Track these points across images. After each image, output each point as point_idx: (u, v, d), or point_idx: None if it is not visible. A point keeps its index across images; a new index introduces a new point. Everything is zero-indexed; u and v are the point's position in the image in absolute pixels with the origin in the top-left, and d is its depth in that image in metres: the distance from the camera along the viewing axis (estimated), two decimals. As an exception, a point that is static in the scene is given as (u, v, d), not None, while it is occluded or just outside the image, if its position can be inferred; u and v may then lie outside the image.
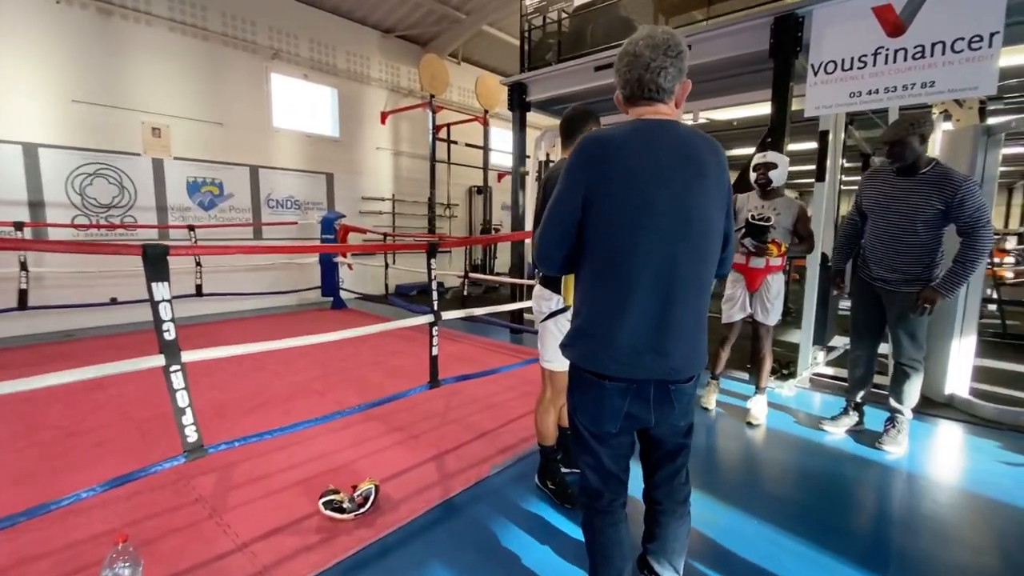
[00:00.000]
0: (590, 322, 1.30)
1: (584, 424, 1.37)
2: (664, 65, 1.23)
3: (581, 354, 1.32)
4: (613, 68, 1.35)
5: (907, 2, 3.24)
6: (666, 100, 1.29)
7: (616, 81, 1.33)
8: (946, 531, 2.14)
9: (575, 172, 1.26)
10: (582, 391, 1.36)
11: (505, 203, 11.18)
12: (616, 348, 1.26)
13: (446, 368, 3.25)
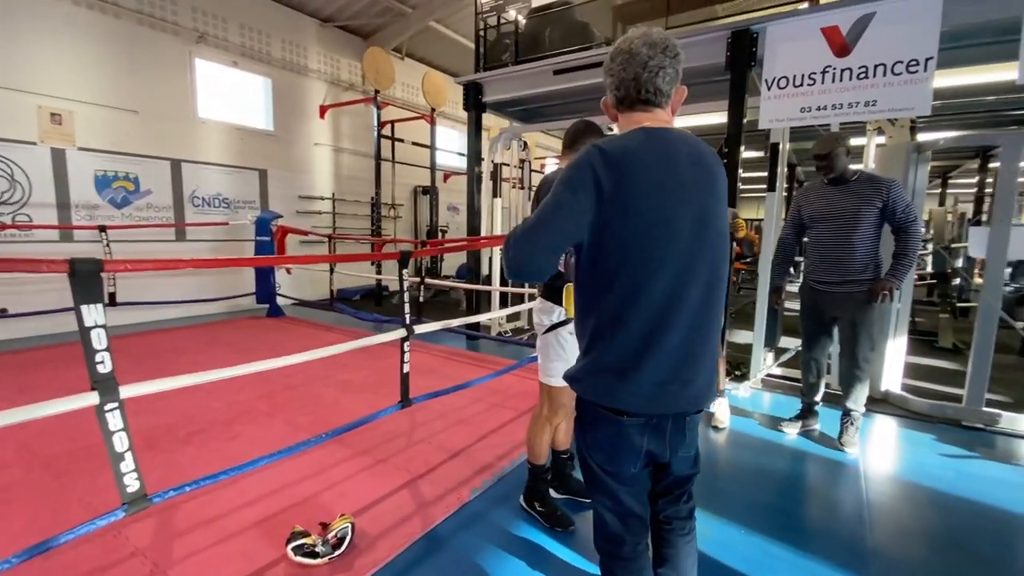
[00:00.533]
0: (610, 355, 1.15)
1: (599, 463, 1.24)
2: (663, 64, 1.14)
3: (595, 390, 1.20)
4: (603, 68, 1.23)
5: (853, 24, 3.44)
6: (664, 105, 1.20)
7: (607, 82, 1.21)
8: (908, 525, 2.26)
9: (583, 180, 1.10)
10: (595, 428, 1.23)
11: (451, 204, 10.96)
12: (639, 383, 1.14)
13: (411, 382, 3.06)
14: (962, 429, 3.33)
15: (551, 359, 2.09)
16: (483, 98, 5.32)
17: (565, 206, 1.12)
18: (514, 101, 5.48)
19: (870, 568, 1.97)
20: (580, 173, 1.11)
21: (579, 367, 1.23)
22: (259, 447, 2.87)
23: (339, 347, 2.32)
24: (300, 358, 2.13)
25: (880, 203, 2.76)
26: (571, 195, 1.11)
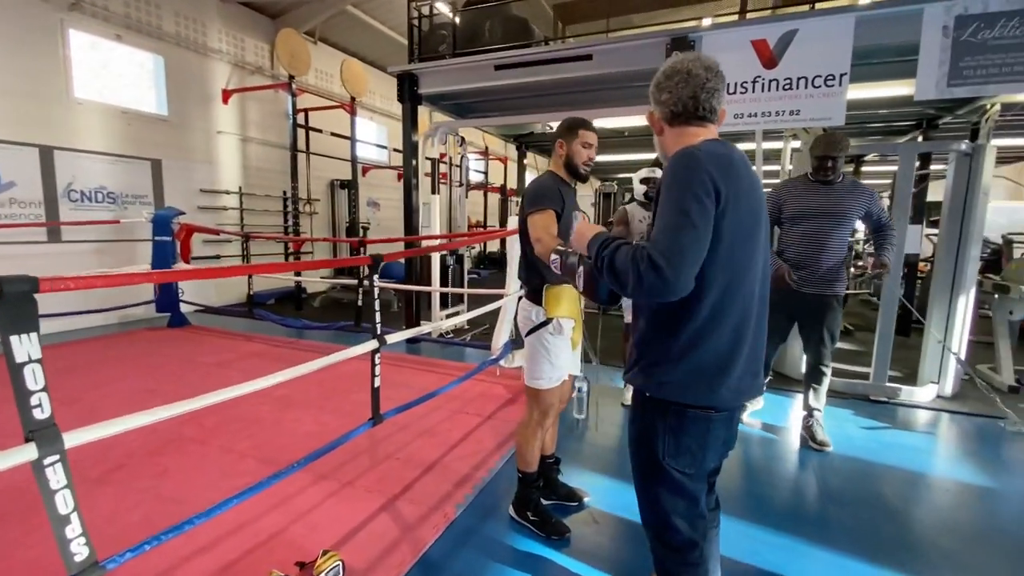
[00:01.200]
0: (708, 354, 1.20)
1: (684, 467, 1.26)
2: (718, 87, 1.23)
3: (693, 391, 1.22)
4: (654, 85, 1.29)
5: (779, 39, 3.75)
6: (715, 122, 1.28)
7: (660, 98, 1.27)
8: (858, 493, 2.52)
9: (705, 186, 1.10)
10: (684, 431, 1.25)
11: (372, 199, 10.45)
12: (734, 376, 1.23)
13: (356, 392, 2.83)
14: (870, 403, 3.80)
15: (537, 362, 2.05)
16: (418, 90, 5.09)
17: (702, 216, 1.10)
18: (451, 95, 5.31)
19: (833, 534, 2.17)
20: (699, 178, 1.12)
21: (669, 370, 1.23)
22: (196, 481, 2.51)
23: (310, 365, 2.08)
24: (274, 379, 1.86)
25: (864, 209, 2.87)
26: (701, 203, 1.11)
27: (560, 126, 2.04)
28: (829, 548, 2.11)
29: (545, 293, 2.00)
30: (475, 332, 5.86)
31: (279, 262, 7.05)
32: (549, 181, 1.98)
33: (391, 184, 11.13)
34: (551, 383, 2.06)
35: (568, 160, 2.01)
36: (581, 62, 4.34)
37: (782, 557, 2.04)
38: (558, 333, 2.03)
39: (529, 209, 1.88)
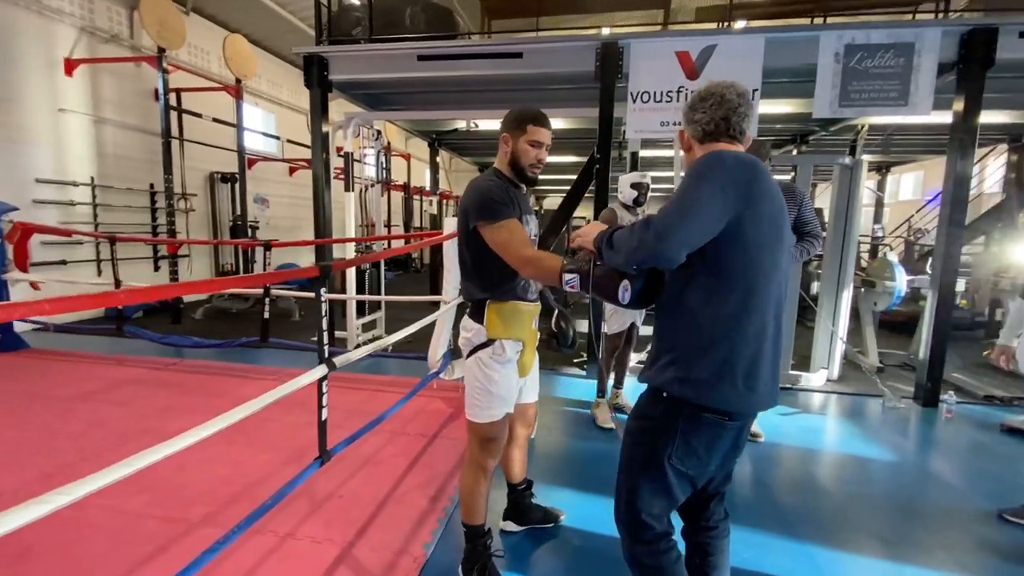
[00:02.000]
0: (733, 355, 1.22)
1: (685, 469, 1.30)
2: (748, 113, 1.33)
3: (714, 394, 1.23)
4: (689, 106, 1.37)
5: (700, 52, 3.95)
6: (743, 143, 1.36)
7: (694, 118, 1.34)
8: (791, 480, 2.72)
9: (725, 178, 1.18)
10: (695, 434, 1.27)
11: (260, 195, 9.38)
12: (759, 380, 1.25)
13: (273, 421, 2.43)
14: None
15: (474, 390, 1.76)
16: (329, 75, 4.59)
17: (710, 202, 1.16)
18: (366, 83, 4.87)
19: (796, 520, 2.30)
20: (718, 174, 1.19)
21: (694, 363, 1.24)
22: (76, 562, 1.95)
23: (271, 395, 1.69)
24: (226, 420, 1.47)
25: (795, 211, 2.89)
26: (716, 192, 1.17)
27: (507, 117, 1.76)
28: (792, 536, 2.22)
29: (487, 310, 1.73)
30: (398, 341, 5.48)
31: (238, 276, 5.96)
32: (496, 183, 1.70)
33: (282, 179, 10.11)
34: (490, 416, 1.75)
35: (513, 159, 1.73)
36: (511, 59, 4.21)
37: (756, 554, 2.10)
38: (500, 358, 1.74)
39: (482, 220, 1.61)
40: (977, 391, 4.13)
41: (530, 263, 1.57)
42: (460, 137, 7.03)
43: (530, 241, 1.66)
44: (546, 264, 1.52)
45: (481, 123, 5.02)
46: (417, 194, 14.55)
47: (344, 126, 4.89)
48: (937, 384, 3.86)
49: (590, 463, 2.95)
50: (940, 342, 3.83)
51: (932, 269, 4.08)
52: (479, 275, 1.74)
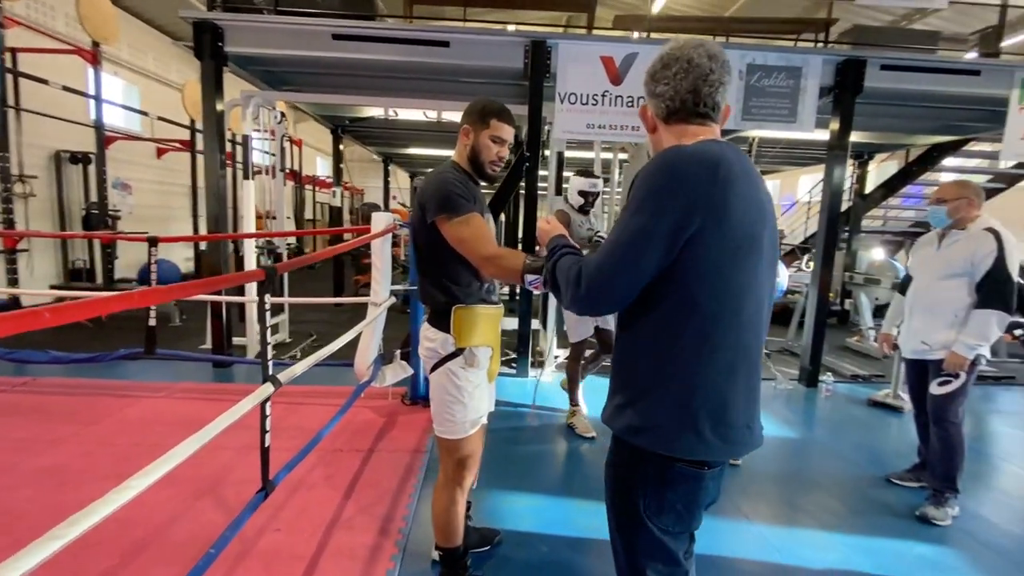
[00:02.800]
0: (697, 394, 1.01)
1: (667, 527, 1.08)
2: (723, 80, 1.06)
3: (680, 442, 1.02)
4: (649, 74, 1.10)
5: (623, 59, 4.10)
6: (718, 121, 1.11)
7: (656, 90, 1.08)
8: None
9: (675, 188, 0.96)
10: (669, 487, 1.06)
11: (120, 179, 8.03)
12: (732, 427, 1.04)
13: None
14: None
15: (446, 405, 1.63)
16: (225, 46, 4.01)
17: (655, 233, 0.96)
18: (269, 59, 4.35)
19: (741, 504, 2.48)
20: (670, 188, 0.96)
21: (653, 405, 1.03)
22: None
23: (205, 433, 1.39)
24: (177, 458, 1.17)
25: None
26: (662, 218, 0.96)
27: (470, 109, 1.65)
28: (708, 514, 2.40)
29: (454, 316, 1.60)
30: (303, 346, 5.02)
31: (179, 284, 4.79)
32: (454, 175, 1.58)
33: (148, 162, 8.76)
34: (466, 429, 1.64)
35: (473, 153, 1.63)
36: (437, 48, 4.02)
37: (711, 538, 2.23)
38: (472, 366, 1.62)
39: (442, 214, 1.49)
40: (845, 371, 4.83)
41: (492, 261, 1.46)
42: (371, 126, 6.60)
43: (493, 238, 1.56)
44: (508, 262, 1.42)
45: (402, 112, 4.74)
46: (309, 183, 13.50)
47: (243, 106, 4.32)
48: (817, 367, 4.44)
49: (537, 464, 2.93)
50: (820, 331, 4.41)
51: (812, 268, 4.68)
52: (441, 276, 1.61)
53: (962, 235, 2.45)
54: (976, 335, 2.36)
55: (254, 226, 4.58)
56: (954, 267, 2.43)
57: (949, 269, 2.45)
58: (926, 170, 6.67)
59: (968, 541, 2.33)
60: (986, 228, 2.39)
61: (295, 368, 1.91)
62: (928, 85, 4.29)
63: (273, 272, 1.67)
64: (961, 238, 2.45)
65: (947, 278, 2.46)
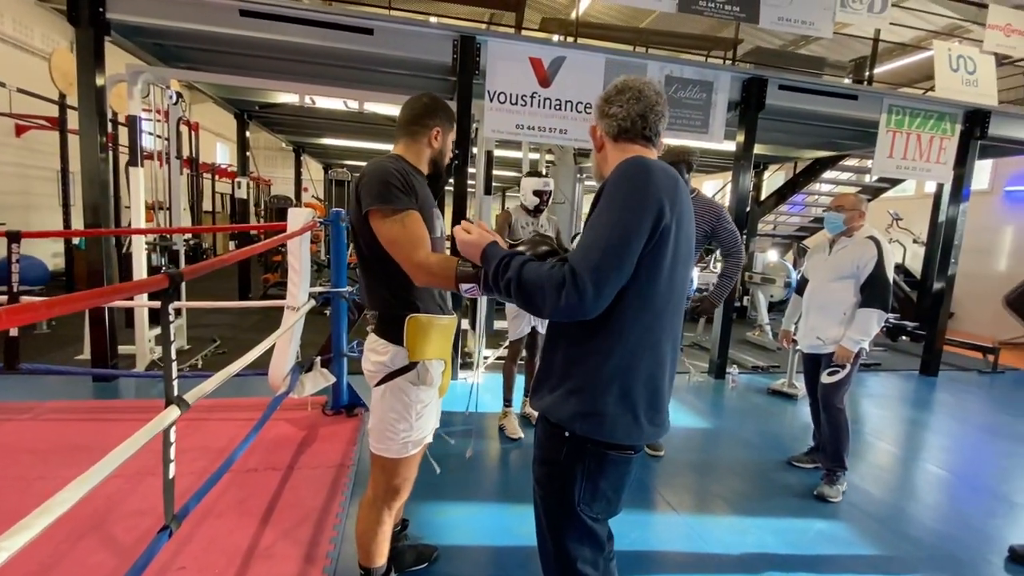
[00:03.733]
0: (639, 385, 1.12)
1: (596, 514, 1.18)
2: (664, 113, 1.22)
3: (619, 424, 1.11)
4: (604, 99, 1.23)
5: (551, 62, 4.14)
6: (658, 146, 1.25)
7: (609, 112, 1.20)
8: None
9: (647, 199, 1.04)
10: (602, 474, 1.15)
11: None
12: (660, 412, 1.18)
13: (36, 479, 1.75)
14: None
15: (390, 423, 1.50)
16: (106, 12, 3.48)
17: (637, 236, 1.03)
18: (162, 31, 3.84)
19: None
20: (646, 193, 1.05)
21: (596, 397, 1.11)
22: None
23: (103, 467, 1.16)
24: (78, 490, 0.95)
25: (708, 227, 2.84)
26: (641, 221, 1.03)
27: (432, 108, 1.55)
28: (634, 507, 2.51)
29: (408, 326, 1.48)
30: (206, 353, 4.54)
31: (76, 294, 3.78)
32: (397, 166, 1.44)
33: (5, 140, 7.46)
34: (408, 450, 1.52)
35: (441, 155, 1.58)
36: (360, 35, 3.80)
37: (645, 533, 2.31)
38: (424, 382, 1.50)
39: (374, 204, 1.37)
40: (747, 363, 5.28)
41: (422, 268, 1.35)
42: (283, 113, 6.09)
43: (427, 241, 1.41)
44: (440, 270, 1.33)
45: (320, 101, 4.41)
46: (207, 171, 12.27)
47: (130, 83, 3.80)
48: (725, 360, 4.80)
49: (471, 472, 2.87)
50: (727, 328, 4.77)
51: (719, 268, 5.04)
52: (393, 279, 1.45)
53: (849, 242, 2.74)
54: (860, 331, 2.65)
55: (143, 219, 4.04)
56: (842, 271, 2.72)
57: (838, 272, 2.74)
58: (810, 181, 7.48)
59: (856, 513, 2.62)
60: (868, 236, 2.69)
61: (204, 386, 1.68)
62: (815, 105, 4.79)
63: (179, 278, 1.45)
64: (848, 245, 2.74)
65: (837, 280, 2.74)
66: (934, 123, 5.06)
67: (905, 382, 5.23)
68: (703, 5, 4.30)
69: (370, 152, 9.71)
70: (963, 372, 5.72)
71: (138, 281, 3.42)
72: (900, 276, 7.74)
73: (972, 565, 2.26)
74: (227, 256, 1.85)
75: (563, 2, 9.17)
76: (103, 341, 3.78)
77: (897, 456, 3.45)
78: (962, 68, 5.06)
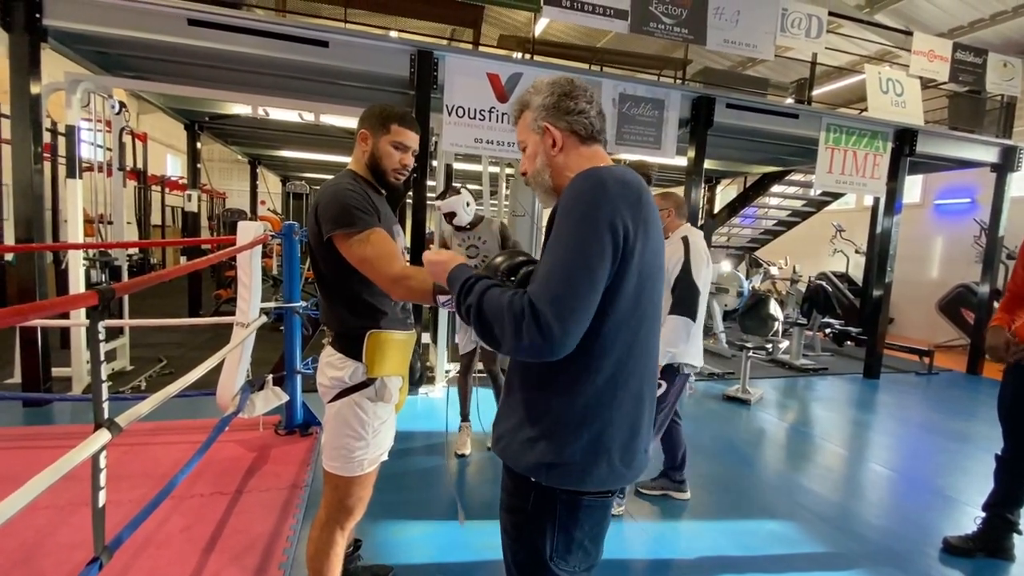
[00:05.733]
0: (612, 427, 0.98)
1: (574, 568, 1.04)
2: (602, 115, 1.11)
3: (591, 471, 0.98)
4: (559, 97, 1.04)
5: (508, 77, 4.21)
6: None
7: (576, 108, 1.04)
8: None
9: (610, 218, 0.91)
10: (576, 524, 1.01)
11: None
12: (636, 453, 1.03)
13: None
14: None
15: (345, 439, 1.46)
16: (43, 18, 3.33)
17: (601, 259, 0.90)
18: (105, 39, 3.70)
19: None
20: (607, 209, 0.91)
21: (564, 445, 0.97)
22: None
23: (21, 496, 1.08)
24: None
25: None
26: (603, 243, 0.90)
27: (368, 113, 1.52)
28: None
29: (368, 342, 1.45)
30: (150, 374, 4.32)
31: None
32: (352, 185, 1.42)
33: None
34: (364, 467, 1.49)
35: (373, 161, 1.50)
36: (315, 47, 3.76)
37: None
38: (382, 398, 1.49)
39: (337, 229, 1.35)
40: (704, 370, 5.42)
41: (399, 283, 1.32)
42: (237, 124, 5.93)
43: (399, 255, 1.43)
44: (418, 283, 1.29)
45: (274, 112, 4.32)
46: (156, 184, 11.77)
47: (68, 91, 3.62)
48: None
49: (426, 488, 2.82)
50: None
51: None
52: (351, 296, 1.45)
53: (666, 243, 2.42)
54: (667, 340, 2.21)
55: (81, 233, 3.84)
56: (666, 275, 2.41)
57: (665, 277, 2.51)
58: (759, 194, 7.84)
59: (804, 514, 2.72)
60: (681, 236, 2.38)
61: (140, 407, 1.60)
62: (760, 123, 5.05)
63: (110, 294, 1.38)
64: (666, 246, 2.57)
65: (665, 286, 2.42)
66: (868, 140, 5.41)
67: (850, 385, 5.50)
68: (654, 26, 4.49)
69: (328, 164, 9.56)
70: (902, 374, 6.06)
71: (64, 297, 3.23)
72: (844, 284, 8.17)
73: (910, 558, 2.37)
74: (167, 271, 1.78)
75: (522, 20, 9.39)
76: (35, 363, 3.55)
77: (843, 456, 3.60)
78: (891, 90, 5.45)
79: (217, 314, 6.52)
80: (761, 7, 4.72)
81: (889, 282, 5.75)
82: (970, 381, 6.03)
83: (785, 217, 8.35)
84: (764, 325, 5.22)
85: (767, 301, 5.30)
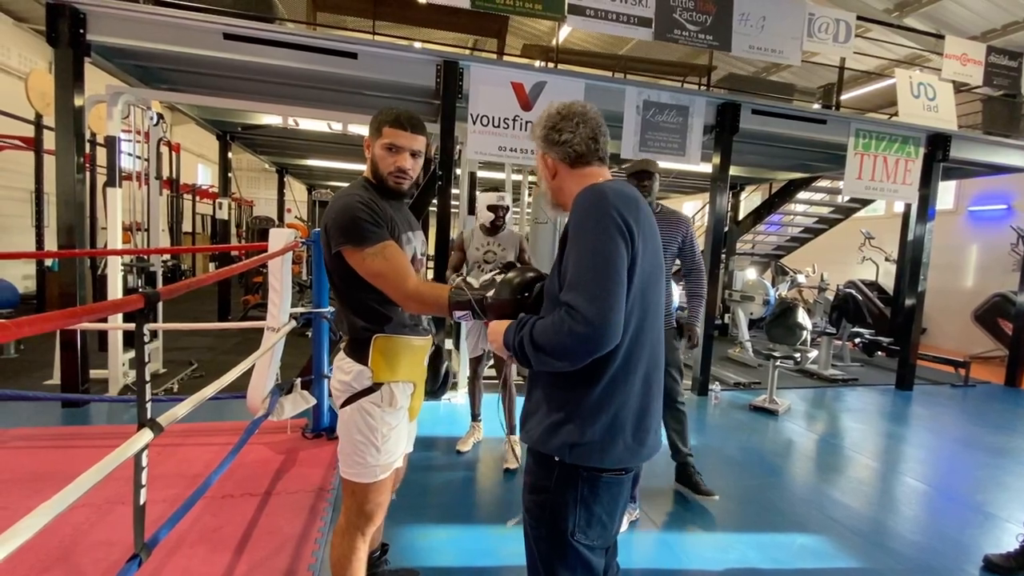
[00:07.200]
0: (625, 409, 1.12)
1: (592, 541, 1.15)
2: (607, 133, 1.24)
3: (609, 450, 1.11)
4: (549, 128, 1.19)
5: (533, 86, 4.25)
6: (608, 167, 1.26)
7: (560, 139, 1.18)
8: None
9: (618, 224, 1.05)
10: (596, 500, 1.13)
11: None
12: (648, 432, 1.17)
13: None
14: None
15: (356, 446, 1.47)
16: (87, 34, 3.49)
17: (619, 257, 1.04)
18: (144, 54, 3.86)
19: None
20: (611, 216, 1.05)
21: (583, 427, 1.10)
22: None
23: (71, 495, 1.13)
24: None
25: (680, 239, 2.64)
26: (616, 243, 1.04)
27: (371, 122, 1.53)
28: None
29: (373, 346, 1.46)
30: (182, 376, 4.43)
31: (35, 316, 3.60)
32: (363, 196, 1.42)
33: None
34: (376, 475, 1.48)
35: (373, 167, 1.50)
36: (344, 59, 3.86)
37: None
38: (389, 405, 1.48)
39: (346, 244, 1.36)
40: (729, 380, 5.34)
41: (412, 299, 1.37)
42: (266, 134, 6.10)
43: (410, 269, 1.43)
44: (432, 297, 1.36)
45: (303, 122, 4.43)
46: (188, 192, 12.14)
47: (109, 103, 3.78)
48: (707, 377, 4.85)
49: (453, 493, 2.83)
50: (709, 345, 4.83)
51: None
52: (360, 302, 1.46)
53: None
54: None
55: (120, 240, 3.98)
56: None
57: None
58: (785, 201, 7.70)
59: (837, 527, 2.64)
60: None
61: (178, 409, 1.65)
62: (787, 129, 4.98)
63: (156, 298, 1.44)
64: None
65: None
66: (899, 146, 5.29)
67: (882, 396, 5.34)
68: (678, 34, 4.48)
69: (353, 173, 9.74)
70: (936, 386, 5.86)
71: (113, 301, 3.35)
72: (874, 293, 7.95)
73: (949, 575, 2.29)
74: (205, 276, 1.84)
75: (544, 29, 9.45)
76: (74, 365, 3.68)
77: (876, 469, 3.50)
78: (923, 94, 5.32)
79: (245, 319, 6.67)
80: (787, 13, 4.67)
81: (922, 291, 5.59)
82: (1009, 394, 5.79)
83: (812, 224, 8.19)
84: (792, 334, 5.11)
85: (795, 309, 5.21)
